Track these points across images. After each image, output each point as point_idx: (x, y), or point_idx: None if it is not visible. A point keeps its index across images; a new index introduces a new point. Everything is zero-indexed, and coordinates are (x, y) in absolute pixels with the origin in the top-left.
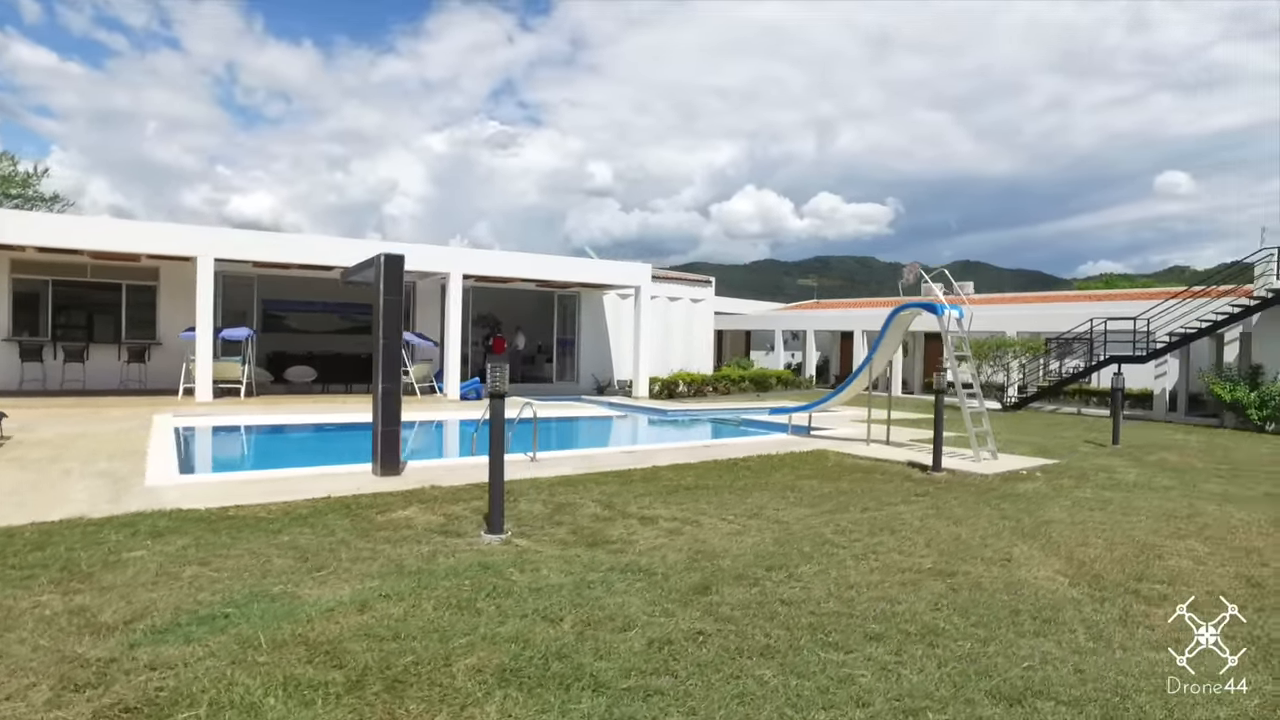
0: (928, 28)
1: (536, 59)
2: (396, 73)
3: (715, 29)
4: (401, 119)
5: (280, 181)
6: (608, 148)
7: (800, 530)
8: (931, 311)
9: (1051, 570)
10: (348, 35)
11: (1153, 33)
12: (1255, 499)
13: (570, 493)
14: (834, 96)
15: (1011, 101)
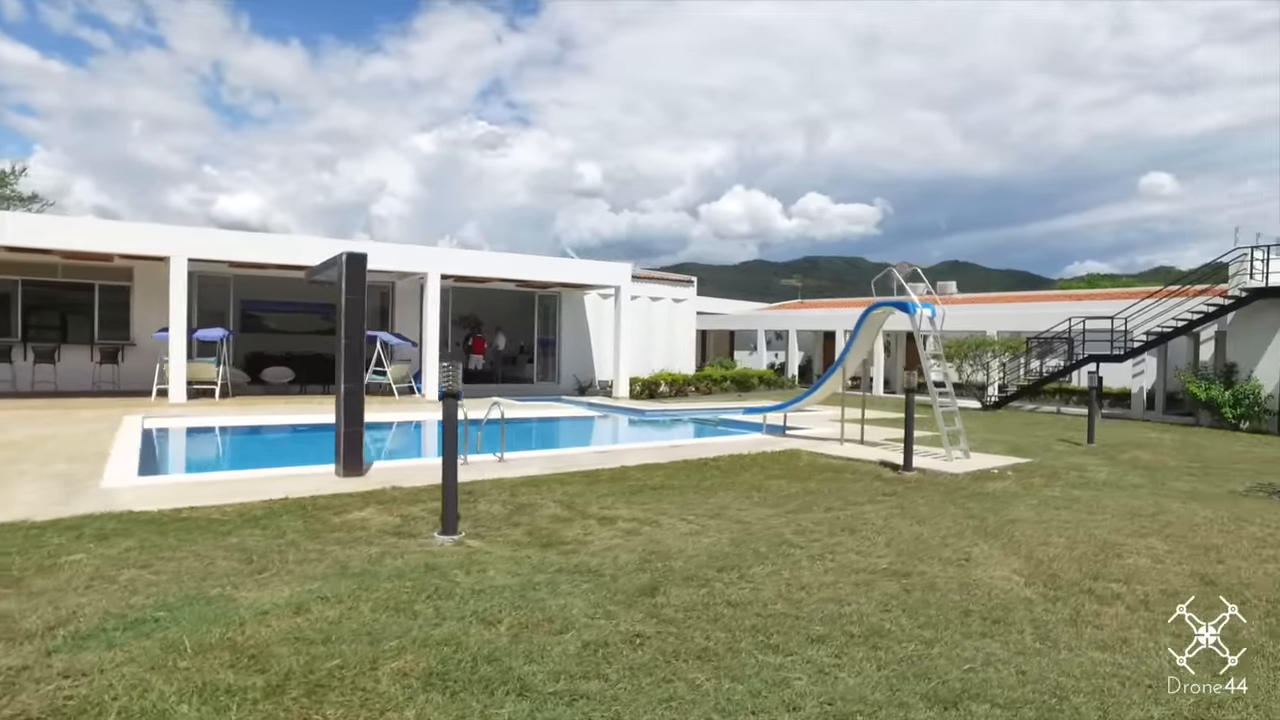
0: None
1: (525, 59)
2: (384, 72)
3: (704, 29)
4: (389, 119)
5: (268, 182)
6: (596, 148)
7: (760, 530)
8: (903, 310)
9: (1009, 570)
10: (335, 34)
11: (1136, 35)
12: (1221, 496)
13: (533, 493)
14: (823, 97)
15: (999, 102)
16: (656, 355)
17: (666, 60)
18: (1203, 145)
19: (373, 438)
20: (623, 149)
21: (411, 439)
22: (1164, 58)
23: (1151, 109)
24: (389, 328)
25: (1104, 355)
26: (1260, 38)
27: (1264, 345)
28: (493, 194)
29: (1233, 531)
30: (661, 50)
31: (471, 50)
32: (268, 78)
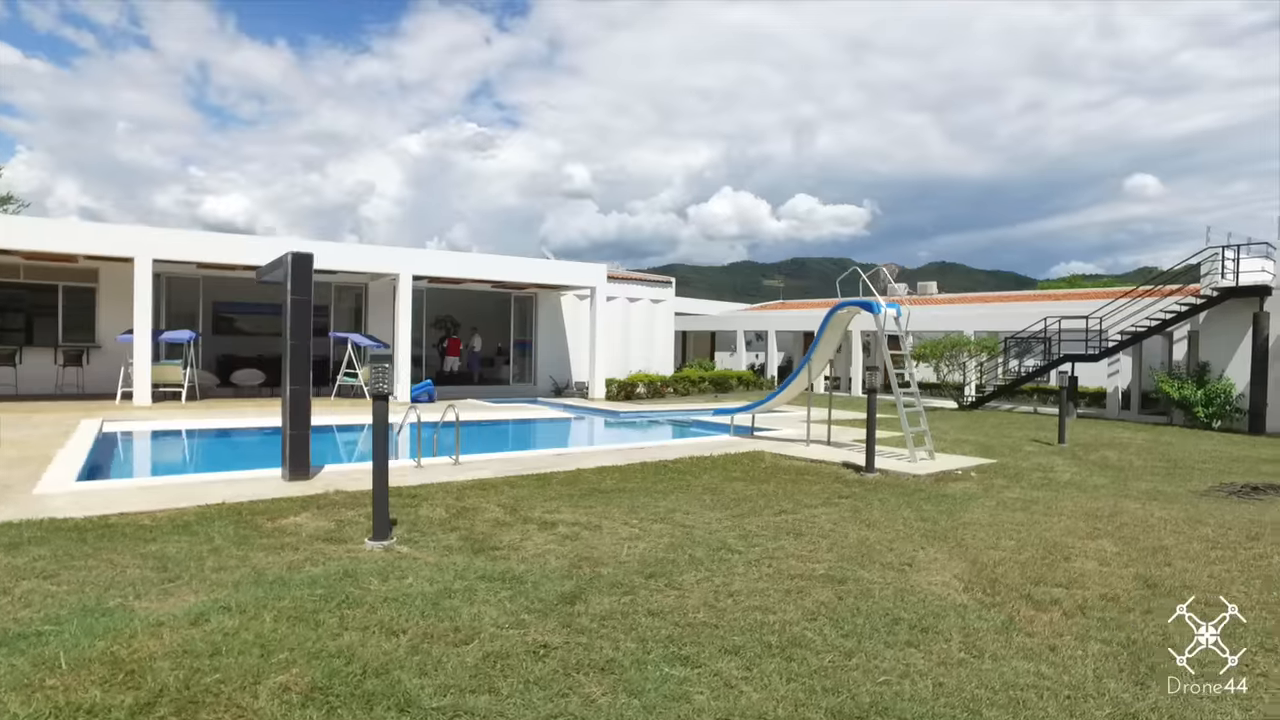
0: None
1: (514, 60)
2: (372, 74)
3: (693, 30)
4: (378, 120)
5: (255, 183)
6: (586, 149)
7: (702, 535)
8: (868, 310)
9: (950, 574)
10: (322, 35)
11: (1121, 39)
12: (1181, 496)
13: (479, 496)
14: (812, 98)
15: (987, 104)
16: (634, 356)
17: (656, 62)
18: (1187, 147)
19: (340, 440)
20: (612, 150)
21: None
22: (1150, 60)
23: (1136, 111)
24: (362, 329)
25: (1079, 355)
26: (1245, 41)
27: (1235, 345)
28: (481, 195)
29: (1185, 532)
30: (651, 52)
31: (460, 52)
32: (254, 79)
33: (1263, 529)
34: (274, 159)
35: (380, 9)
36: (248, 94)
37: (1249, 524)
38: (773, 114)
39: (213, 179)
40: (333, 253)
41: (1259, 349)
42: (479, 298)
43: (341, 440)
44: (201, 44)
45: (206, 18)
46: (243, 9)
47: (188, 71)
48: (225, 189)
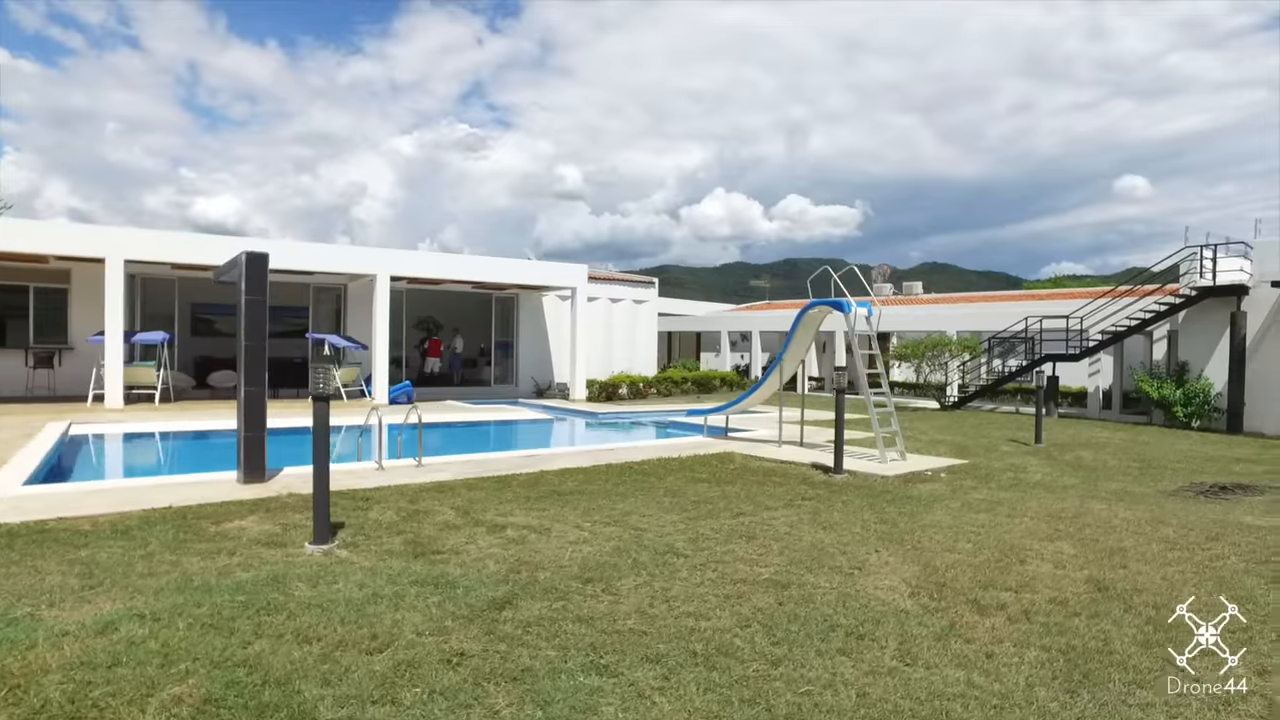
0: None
1: (506, 61)
2: (364, 75)
3: (685, 31)
4: (370, 122)
5: (246, 184)
6: (578, 151)
7: (652, 538)
8: (838, 309)
9: (900, 579)
10: (313, 36)
11: (1110, 40)
12: (1150, 496)
13: (434, 499)
14: (804, 100)
15: (977, 105)
16: (617, 357)
17: (648, 63)
18: (1176, 149)
19: (300, 442)
20: (604, 152)
21: (345, 444)
22: (1138, 62)
23: (1125, 112)
24: (341, 330)
25: (1060, 355)
26: (1230, 44)
27: (1213, 344)
28: (473, 197)
29: (1146, 533)
30: (642, 53)
31: (452, 52)
32: (245, 79)
33: (1224, 529)
34: (265, 160)
35: (372, 10)
36: (238, 95)
37: (1211, 524)
38: (765, 115)
39: (204, 180)
40: (309, 254)
41: (1236, 348)
42: (460, 299)
43: (302, 440)
44: (191, 44)
45: (196, 18)
46: (233, 9)
47: (178, 72)
48: (216, 190)
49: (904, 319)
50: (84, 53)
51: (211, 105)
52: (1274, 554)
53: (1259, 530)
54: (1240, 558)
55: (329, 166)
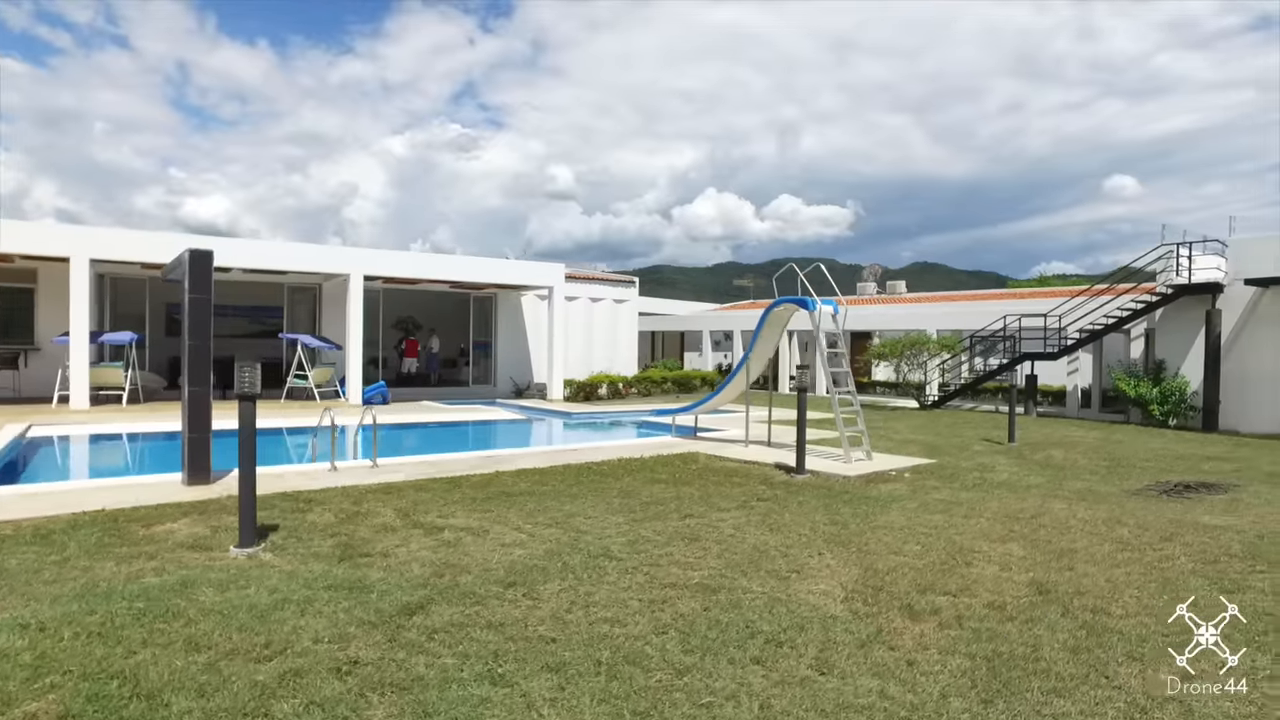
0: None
1: (498, 61)
2: (355, 74)
3: (677, 31)
4: (361, 122)
5: (237, 185)
6: (569, 151)
7: (591, 540)
8: (803, 307)
9: (837, 582)
10: (304, 35)
11: (1099, 41)
12: (1112, 495)
13: (379, 501)
14: (795, 100)
15: (968, 104)
16: (597, 357)
17: (639, 63)
18: (1164, 149)
19: (281, 443)
20: (595, 152)
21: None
22: (1127, 63)
23: (1115, 112)
24: (316, 330)
25: (1038, 353)
26: (1217, 44)
27: (1189, 342)
28: (465, 197)
29: (1101, 533)
30: (634, 53)
31: (444, 52)
32: (235, 79)
33: (1180, 529)
34: (256, 160)
35: (363, 9)
36: (229, 95)
37: (1169, 524)
38: (756, 115)
39: (193, 180)
40: (282, 253)
41: (1211, 346)
42: (438, 298)
43: (269, 442)
44: (181, 44)
45: (185, 17)
46: (223, 9)
47: (167, 72)
48: (206, 190)
49: (886, 318)
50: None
51: (201, 105)
52: (1224, 554)
53: (1214, 530)
54: (1190, 558)
55: (320, 167)
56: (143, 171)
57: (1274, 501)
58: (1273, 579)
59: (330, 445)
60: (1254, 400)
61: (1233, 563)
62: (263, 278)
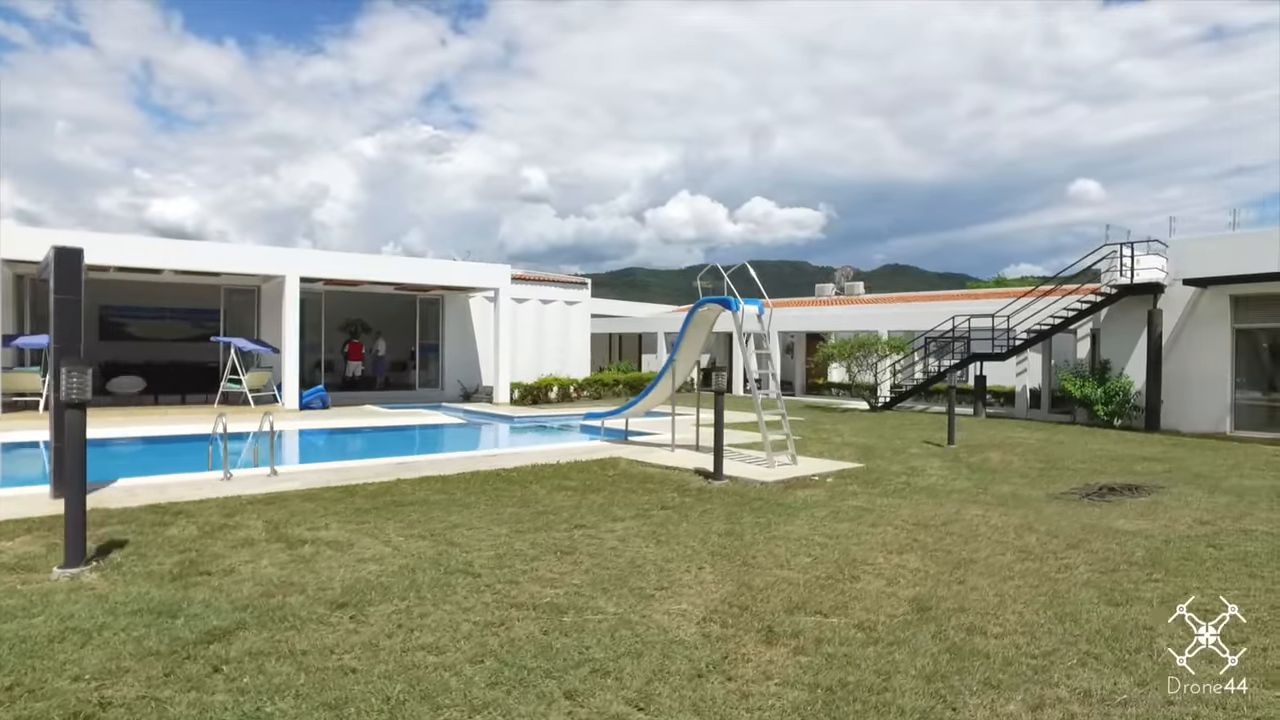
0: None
1: (470, 62)
2: (325, 75)
3: (650, 33)
4: (331, 123)
5: (204, 186)
6: (543, 153)
7: (458, 554)
8: (726, 307)
9: (702, 601)
10: (273, 35)
11: (1064, 47)
12: (1035, 499)
13: (254, 512)
14: (768, 102)
15: (939, 108)
16: (548, 359)
17: (613, 64)
18: (1127, 153)
19: (190, 449)
20: (569, 154)
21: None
22: (1090, 69)
23: (1079, 118)
24: (256, 333)
25: (986, 354)
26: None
27: (1133, 342)
28: (438, 199)
29: (1007, 541)
30: (608, 54)
31: (415, 53)
32: (202, 79)
33: (1090, 535)
34: (224, 161)
35: (333, 9)
36: (195, 94)
37: (1080, 529)
38: (730, 118)
39: (159, 181)
40: (213, 254)
41: (1153, 346)
42: (385, 301)
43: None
44: (145, 42)
45: (150, 15)
46: (189, 7)
47: (131, 70)
48: (173, 192)
49: (841, 319)
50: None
51: (167, 105)
52: (1126, 561)
53: (1124, 535)
54: (1090, 567)
55: (289, 168)
56: (107, 172)
57: (1192, 503)
58: (1164, 588)
59: (223, 454)
60: (1194, 400)
61: (1131, 571)
62: (198, 279)
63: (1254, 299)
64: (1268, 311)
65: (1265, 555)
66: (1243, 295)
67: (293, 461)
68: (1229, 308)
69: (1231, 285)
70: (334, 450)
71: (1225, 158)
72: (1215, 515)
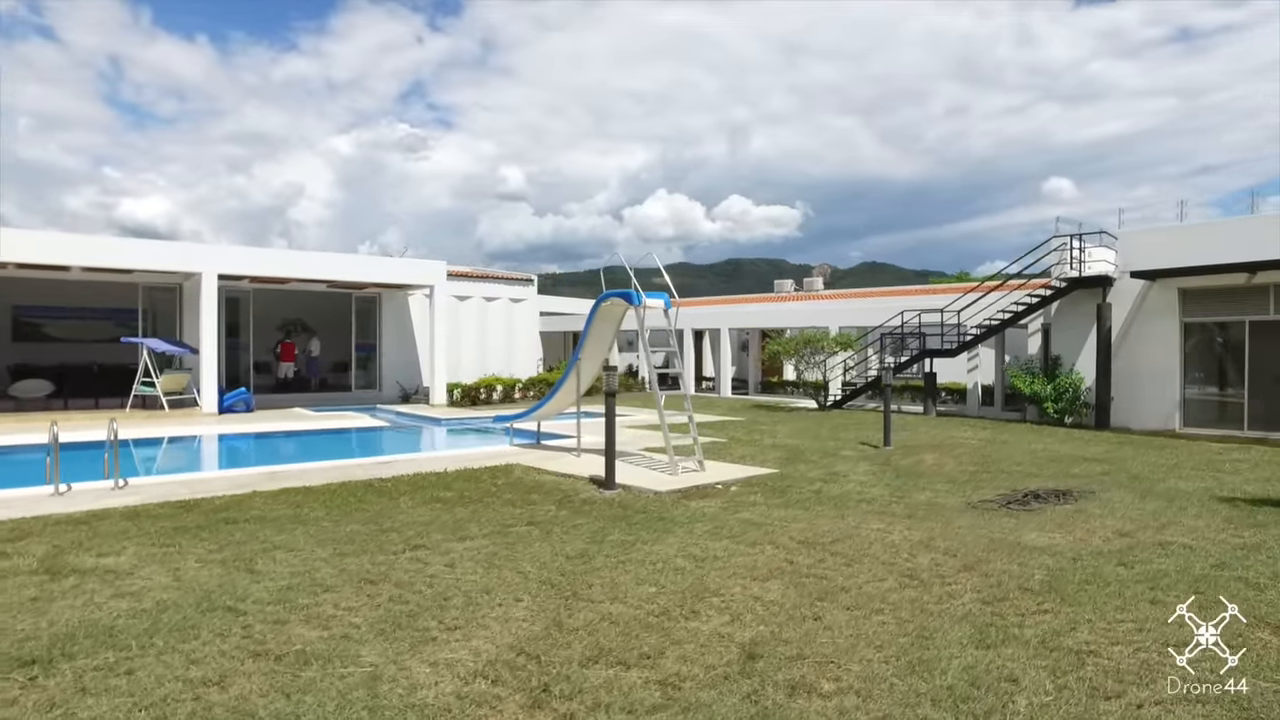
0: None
1: (447, 60)
2: (300, 72)
3: (627, 32)
4: (306, 121)
5: (177, 185)
6: (520, 151)
7: (239, 585)
8: (627, 300)
9: (489, 647)
10: (246, 31)
11: (1037, 47)
12: (950, 509)
13: (50, 535)
14: (746, 101)
15: (915, 107)
16: (493, 358)
17: (590, 63)
18: (1099, 152)
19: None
20: (547, 153)
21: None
22: (1063, 69)
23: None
24: (179, 333)
25: (935, 350)
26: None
27: (1083, 337)
28: (415, 198)
29: (896, 563)
30: (585, 53)
31: (391, 51)
32: (173, 75)
33: (994, 552)
34: (197, 160)
35: (307, 6)
36: (166, 91)
37: (985, 545)
38: (707, 116)
39: (130, 180)
40: (120, 250)
41: (1102, 341)
42: (323, 299)
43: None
44: (113, 37)
45: (117, 9)
46: (158, 2)
47: (99, 66)
48: (144, 191)
49: (798, 315)
50: None
51: (137, 102)
52: (1019, 587)
53: (1030, 552)
54: (977, 595)
55: (264, 167)
56: (75, 170)
57: (1117, 511)
58: (1051, 623)
59: (50, 465)
60: (1144, 396)
61: (1021, 600)
62: (114, 277)
63: (1202, 292)
64: (1215, 305)
65: (1175, 575)
66: (1191, 288)
67: (185, 470)
68: (1177, 301)
69: (1179, 278)
70: (235, 457)
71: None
72: (1138, 525)
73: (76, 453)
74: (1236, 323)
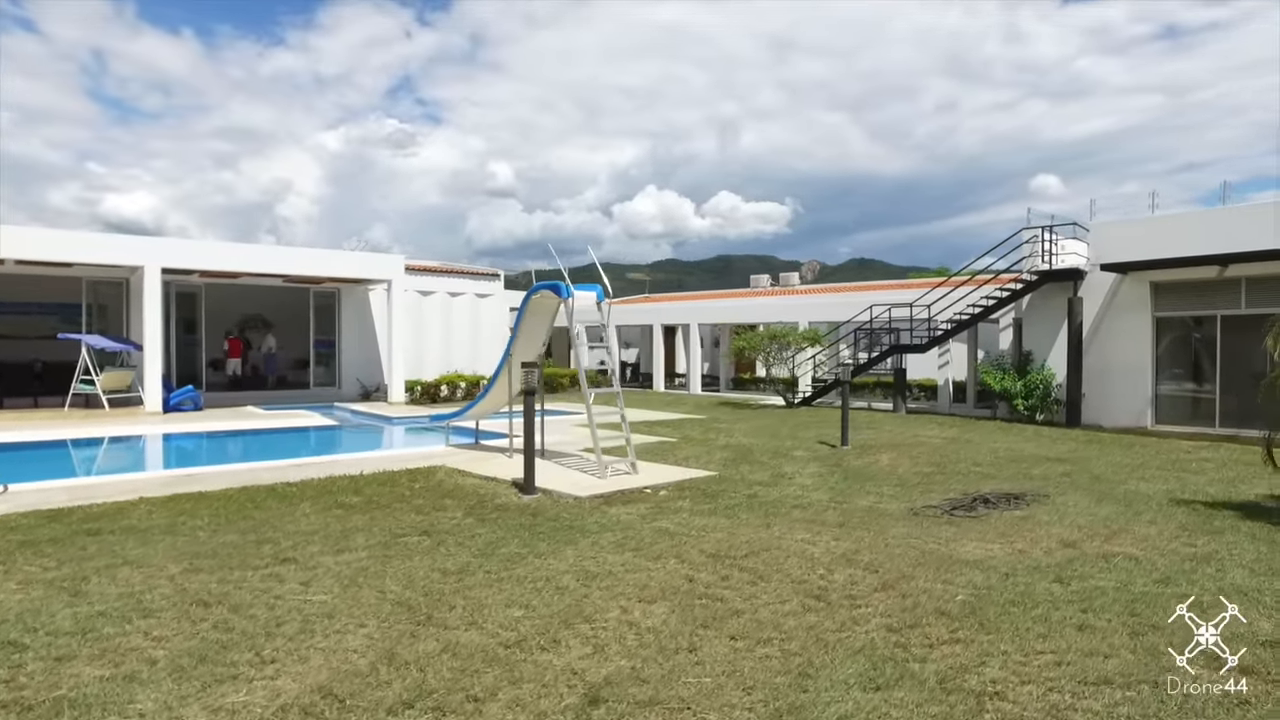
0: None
1: (436, 55)
2: (287, 67)
3: (617, 28)
4: (294, 116)
5: (162, 180)
6: (509, 147)
7: (46, 611)
8: (556, 293)
9: (292, 687)
10: (232, 25)
11: (1025, 45)
12: (889, 516)
13: None
14: (735, 97)
15: (904, 103)
16: (457, 355)
17: (580, 59)
18: (1086, 149)
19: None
20: (536, 149)
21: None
22: (1051, 65)
23: (1040, 113)
24: (125, 329)
25: (906, 346)
26: (1131, 50)
27: (1054, 332)
28: (403, 194)
29: (809, 581)
30: (575, 49)
31: (379, 45)
32: (159, 69)
33: (920, 568)
34: (183, 155)
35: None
36: (151, 86)
37: (913, 560)
38: (696, 112)
39: (114, 175)
40: (60, 243)
41: (1074, 336)
42: (280, 294)
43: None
44: (97, 30)
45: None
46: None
47: (82, 60)
48: (129, 186)
49: (771, 310)
50: None
51: (121, 96)
52: (936, 610)
53: (961, 567)
54: (886, 620)
55: (251, 162)
56: (58, 165)
57: (1068, 517)
58: (958, 657)
59: None
60: (1115, 393)
61: (934, 626)
62: (52, 270)
63: (1174, 285)
64: (1188, 299)
65: (1112, 594)
66: (1163, 281)
67: (97, 473)
68: (1149, 295)
69: (1151, 270)
70: (158, 460)
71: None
72: (1086, 533)
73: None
74: (1208, 317)
